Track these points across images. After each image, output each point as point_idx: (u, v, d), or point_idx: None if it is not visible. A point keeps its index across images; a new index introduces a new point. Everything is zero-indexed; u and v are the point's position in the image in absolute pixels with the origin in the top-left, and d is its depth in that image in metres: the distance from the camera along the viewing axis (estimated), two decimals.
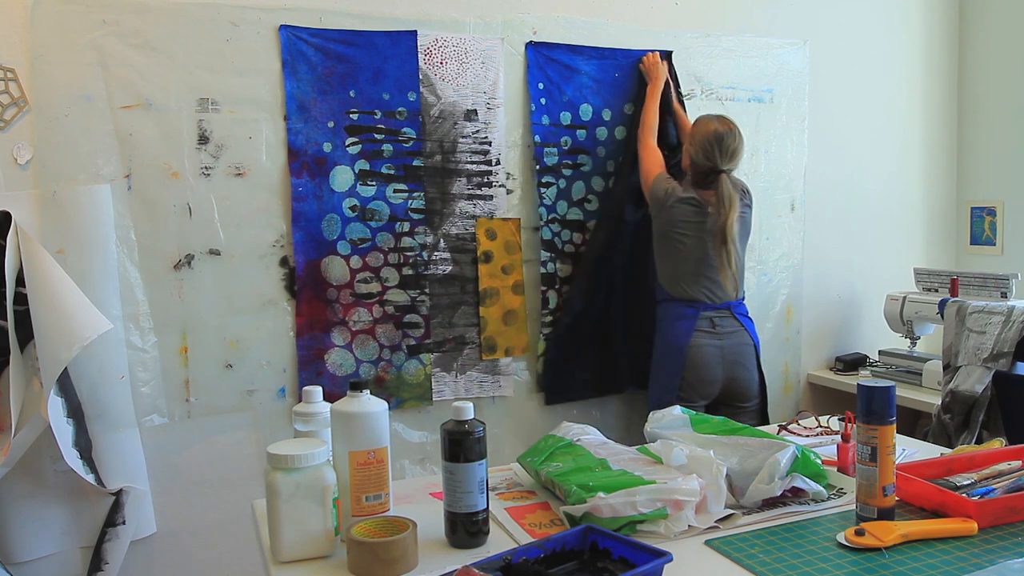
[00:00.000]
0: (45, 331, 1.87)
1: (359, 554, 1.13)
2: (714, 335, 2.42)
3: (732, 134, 2.39)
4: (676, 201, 2.42)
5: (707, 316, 2.42)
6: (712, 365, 2.40)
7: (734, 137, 2.39)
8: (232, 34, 2.21)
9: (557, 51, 2.58)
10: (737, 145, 2.40)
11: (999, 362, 2.33)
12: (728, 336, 2.43)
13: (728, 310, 2.45)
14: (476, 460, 1.21)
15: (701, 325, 2.41)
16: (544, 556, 1.09)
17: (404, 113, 2.40)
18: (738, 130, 2.41)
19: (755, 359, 2.48)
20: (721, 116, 2.44)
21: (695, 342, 2.40)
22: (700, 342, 2.40)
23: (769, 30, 2.91)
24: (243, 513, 1.55)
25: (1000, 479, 1.34)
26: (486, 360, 2.54)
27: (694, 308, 2.42)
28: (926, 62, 3.25)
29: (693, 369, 2.39)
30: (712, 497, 1.29)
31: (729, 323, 2.45)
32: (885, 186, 3.20)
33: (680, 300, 2.44)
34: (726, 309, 2.45)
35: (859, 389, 1.26)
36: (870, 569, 1.11)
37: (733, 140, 2.39)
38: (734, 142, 2.39)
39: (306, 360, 2.32)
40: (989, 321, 2.40)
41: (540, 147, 2.56)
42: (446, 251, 2.47)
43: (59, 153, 2.07)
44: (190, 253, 2.21)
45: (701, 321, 2.42)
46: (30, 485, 2.05)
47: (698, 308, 2.42)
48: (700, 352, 2.40)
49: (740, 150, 2.41)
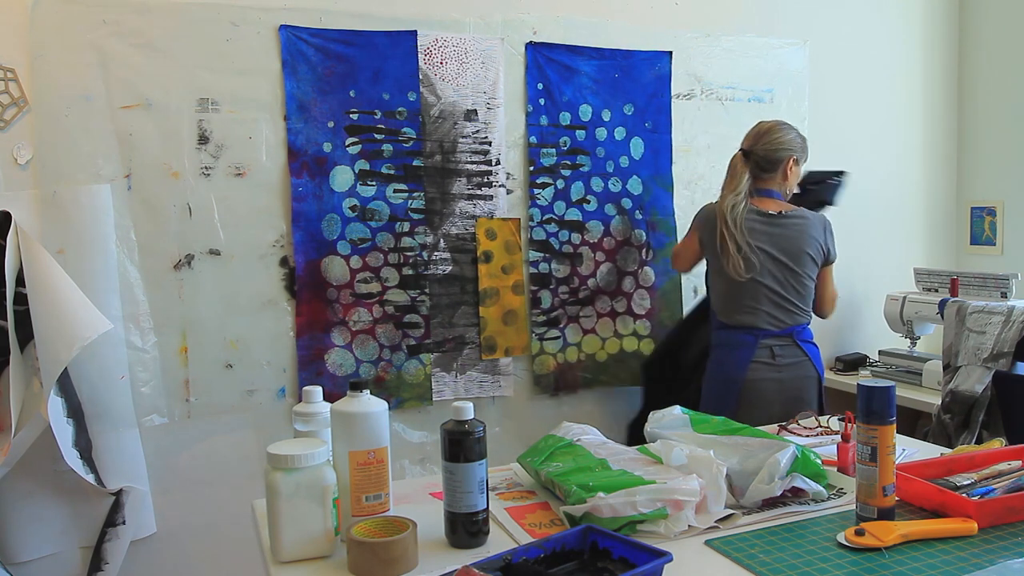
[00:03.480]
0: (45, 331, 1.87)
1: (359, 554, 1.13)
2: (773, 367, 2.19)
3: (771, 126, 2.30)
4: (727, 211, 2.23)
5: (767, 344, 2.20)
6: (769, 402, 2.16)
7: (767, 124, 2.32)
8: (232, 34, 2.21)
9: (557, 51, 2.58)
10: (766, 129, 2.28)
11: (999, 362, 2.33)
12: (789, 368, 2.20)
13: (791, 337, 2.22)
14: (476, 460, 1.21)
15: (760, 355, 2.18)
16: (544, 556, 1.09)
17: (404, 113, 2.40)
18: (778, 125, 2.31)
19: (817, 393, 2.25)
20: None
21: (752, 375, 2.17)
22: (758, 376, 2.17)
23: (769, 30, 2.91)
24: (243, 513, 1.54)
25: (1000, 479, 1.34)
26: (486, 360, 2.54)
27: (752, 336, 2.20)
28: (926, 62, 3.25)
29: (748, 406, 2.14)
30: (712, 497, 1.29)
31: (790, 352, 2.21)
32: (885, 186, 3.19)
33: (736, 327, 2.23)
34: (788, 336, 2.22)
35: (859, 389, 1.26)
36: (870, 569, 1.11)
37: (764, 125, 2.31)
38: (765, 126, 2.30)
39: (306, 360, 2.32)
40: (989, 321, 2.40)
41: (536, 148, 2.56)
42: (446, 251, 2.47)
43: (59, 153, 2.07)
44: (190, 253, 2.21)
45: (760, 350, 2.19)
46: (30, 485, 2.05)
47: (757, 335, 2.20)
48: (757, 387, 2.16)
49: (771, 135, 2.27)
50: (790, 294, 2.22)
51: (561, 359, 2.63)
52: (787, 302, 2.22)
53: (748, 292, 2.21)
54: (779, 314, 2.21)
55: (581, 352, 2.65)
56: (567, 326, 2.63)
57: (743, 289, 2.22)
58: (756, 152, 2.28)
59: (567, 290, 2.63)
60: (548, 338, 2.61)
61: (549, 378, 2.62)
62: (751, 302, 2.21)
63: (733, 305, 2.25)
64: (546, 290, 2.60)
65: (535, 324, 2.59)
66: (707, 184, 2.81)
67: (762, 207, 2.25)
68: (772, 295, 2.21)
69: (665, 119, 2.74)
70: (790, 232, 2.23)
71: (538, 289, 2.60)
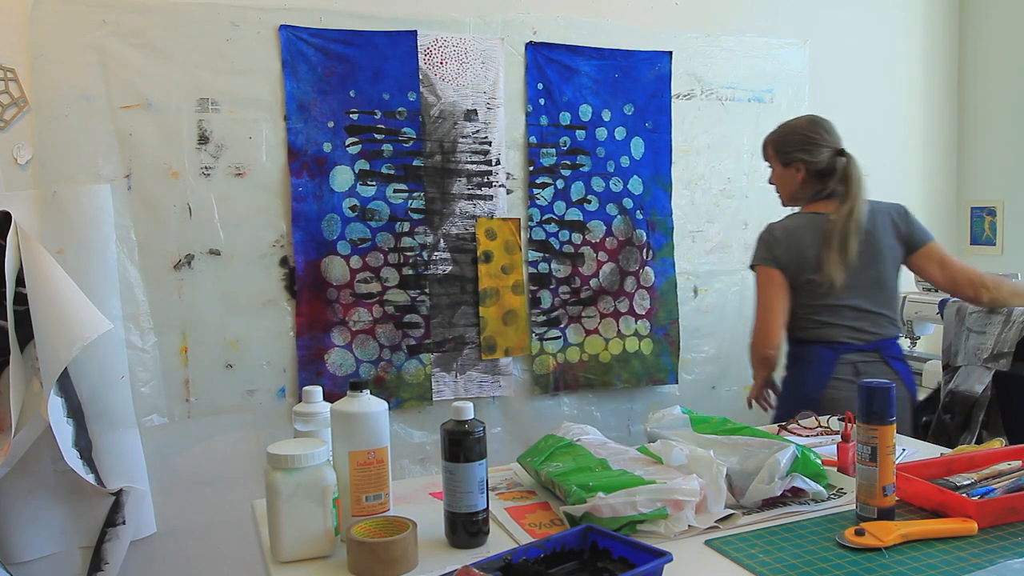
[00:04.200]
0: (45, 331, 1.87)
1: (359, 554, 1.13)
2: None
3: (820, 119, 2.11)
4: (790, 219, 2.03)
5: (850, 361, 1.98)
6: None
7: (815, 118, 2.11)
8: (232, 34, 2.21)
9: (557, 51, 2.58)
10: (822, 123, 2.09)
11: (999, 362, 2.33)
12: None
13: (877, 352, 2.00)
14: (476, 460, 1.21)
15: (841, 372, 1.97)
16: (544, 556, 1.09)
17: (404, 113, 2.40)
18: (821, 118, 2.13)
19: (911, 418, 2.02)
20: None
21: (831, 394, 1.95)
22: (838, 395, 1.94)
23: (769, 30, 2.91)
24: (243, 513, 1.54)
25: (1000, 479, 1.34)
26: (486, 360, 2.54)
27: (832, 351, 1.99)
28: (926, 62, 3.25)
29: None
30: (712, 497, 1.29)
31: (877, 370, 1.97)
32: (885, 186, 3.18)
33: (813, 342, 2.02)
34: (874, 352, 2.00)
35: (859, 389, 1.26)
36: (870, 569, 1.11)
37: (817, 119, 2.10)
38: (820, 120, 2.09)
39: (306, 360, 2.32)
40: (989, 321, 2.40)
41: (536, 148, 2.56)
42: (446, 251, 2.47)
43: (59, 153, 2.07)
44: (190, 253, 2.21)
45: (841, 367, 1.97)
46: (30, 485, 2.05)
47: (837, 351, 1.98)
48: (837, 407, 1.89)
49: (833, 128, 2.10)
50: (873, 303, 2.00)
51: (561, 359, 2.63)
52: (869, 312, 2.01)
53: (826, 303, 2.01)
54: (864, 326, 2.00)
55: (583, 352, 2.65)
56: (568, 326, 2.63)
57: (820, 299, 2.01)
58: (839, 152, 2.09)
59: (568, 290, 2.63)
60: (548, 338, 2.61)
61: (549, 378, 2.62)
62: (829, 315, 2.00)
63: (809, 318, 2.04)
64: (546, 290, 2.60)
65: (535, 324, 2.59)
66: (707, 184, 2.81)
67: (824, 210, 2.05)
68: (851, 306, 1.99)
69: (665, 119, 2.74)
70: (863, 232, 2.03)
71: (538, 289, 2.60)
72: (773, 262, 2.04)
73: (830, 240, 1.99)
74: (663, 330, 2.75)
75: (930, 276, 2.10)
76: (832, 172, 2.07)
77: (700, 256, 2.82)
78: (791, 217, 2.13)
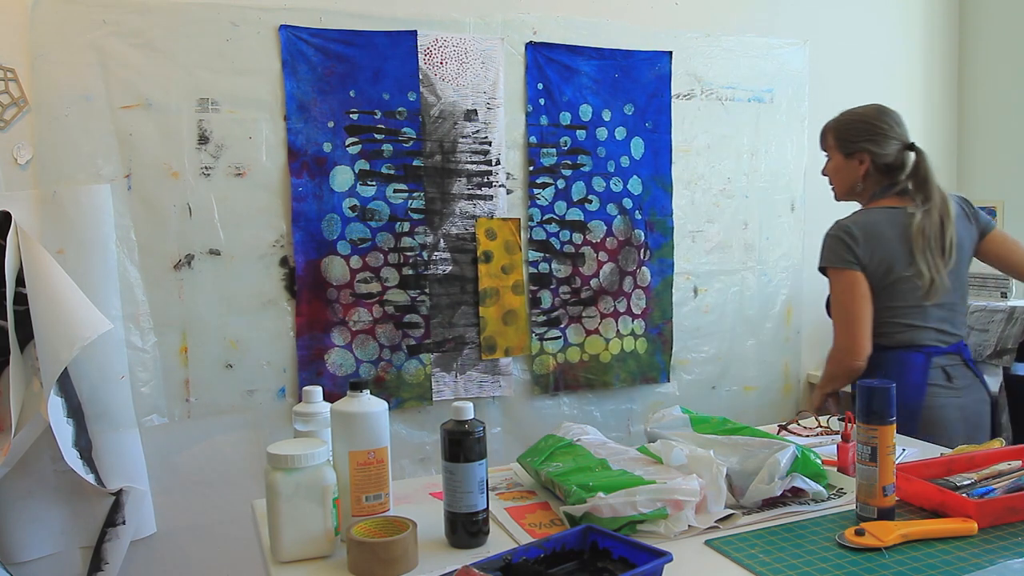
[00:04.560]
0: (45, 331, 1.87)
1: (359, 554, 1.13)
2: (952, 390, 1.84)
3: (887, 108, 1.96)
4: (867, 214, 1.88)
5: (939, 365, 1.86)
6: (952, 432, 1.81)
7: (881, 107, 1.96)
8: (232, 34, 2.21)
9: (557, 51, 2.58)
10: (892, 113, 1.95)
11: (1003, 358, 2.33)
12: (966, 391, 1.86)
13: (959, 355, 1.89)
14: (476, 460, 1.21)
15: (934, 377, 1.84)
16: (544, 556, 1.09)
17: (404, 113, 2.40)
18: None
19: (992, 419, 1.95)
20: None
21: (931, 402, 1.83)
22: (937, 402, 1.83)
23: (769, 30, 2.91)
24: (243, 513, 1.54)
25: (1000, 479, 1.34)
26: (486, 360, 2.54)
27: (922, 355, 1.85)
28: (926, 62, 3.25)
29: (928, 439, 1.75)
30: (712, 497, 1.29)
31: (963, 373, 1.87)
32: None
33: (898, 347, 1.87)
34: (956, 354, 1.89)
35: (859, 389, 1.26)
36: (870, 569, 1.11)
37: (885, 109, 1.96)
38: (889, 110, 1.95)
39: (306, 360, 2.32)
40: (992, 319, 2.40)
41: (536, 148, 2.56)
42: (446, 251, 2.47)
43: (59, 153, 2.07)
44: (190, 253, 2.21)
45: (933, 372, 1.85)
46: (30, 485, 2.05)
47: (928, 355, 1.85)
48: (938, 416, 1.80)
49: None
50: (954, 301, 1.88)
51: (561, 359, 2.63)
52: (951, 311, 1.90)
53: (914, 304, 1.88)
54: (946, 327, 1.88)
55: (584, 352, 2.65)
56: (568, 326, 2.63)
57: (908, 300, 1.88)
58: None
59: (568, 290, 2.63)
60: (548, 338, 2.61)
61: (549, 378, 2.62)
62: (917, 317, 1.87)
63: (894, 322, 1.89)
64: (546, 290, 2.60)
65: (535, 324, 2.59)
66: (707, 184, 2.81)
67: (900, 205, 1.93)
68: (939, 305, 1.87)
69: (665, 119, 2.74)
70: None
71: (538, 289, 2.60)
72: (855, 264, 1.87)
73: (920, 239, 1.85)
74: (657, 329, 2.75)
75: (999, 261, 1.99)
76: (900, 167, 1.94)
77: (700, 256, 2.82)
78: (863, 213, 1.96)
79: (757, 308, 2.91)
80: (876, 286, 1.88)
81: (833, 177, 2.05)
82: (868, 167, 1.96)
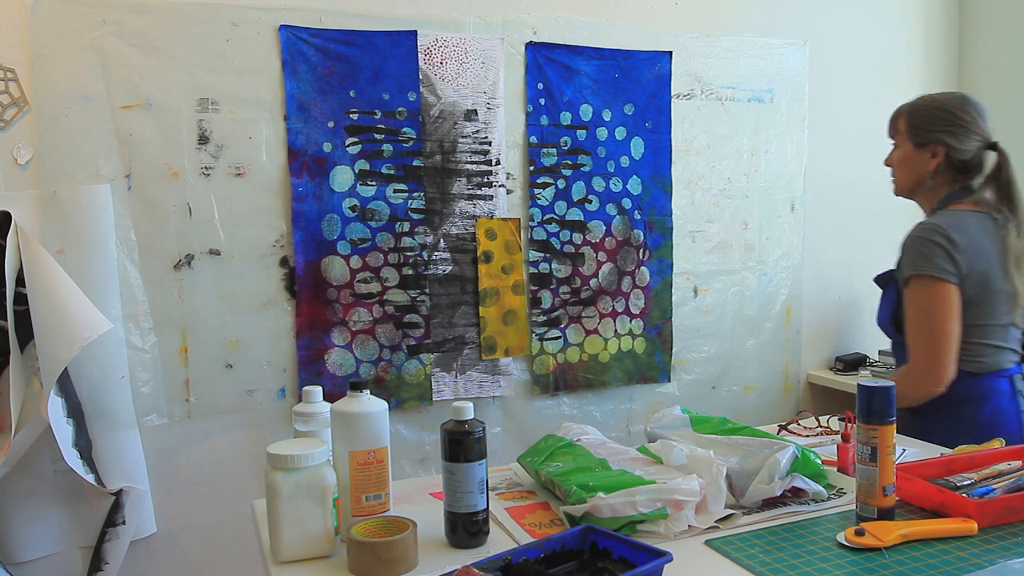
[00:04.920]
0: (45, 331, 1.87)
1: (359, 554, 1.13)
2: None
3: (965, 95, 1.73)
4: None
5: (1021, 391, 1.68)
6: None
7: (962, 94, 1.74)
8: (232, 34, 2.21)
9: (557, 51, 2.58)
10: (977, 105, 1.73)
11: None
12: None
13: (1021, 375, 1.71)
14: (476, 460, 1.21)
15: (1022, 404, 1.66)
16: (544, 556, 1.09)
17: (404, 113, 2.40)
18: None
19: None
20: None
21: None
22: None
23: (769, 30, 2.91)
24: (243, 513, 1.55)
25: (1000, 479, 1.34)
26: (486, 360, 2.54)
27: (1005, 380, 1.65)
28: (926, 62, 3.25)
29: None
30: (712, 497, 1.29)
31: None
32: (885, 186, 3.19)
33: (987, 373, 1.65)
34: (1020, 374, 1.71)
35: (859, 389, 1.26)
36: (870, 569, 1.11)
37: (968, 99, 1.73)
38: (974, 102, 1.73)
39: (306, 360, 2.32)
40: None
41: (536, 148, 2.56)
42: (446, 251, 2.47)
43: (59, 153, 2.07)
44: (190, 253, 2.21)
45: (1020, 399, 1.67)
46: (30, 485, 2.05)
47: (1011, 379, 1.66)
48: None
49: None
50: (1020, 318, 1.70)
51: (561, 359, 2.63)
52: (1017, 329, 1.72)
53: (998, 323, 1.68)
54: (1017, 347, 1.71)
55: (583, 352, 2.66)
56: (568, 326, 2.63)
57: (994, 319, 1.68)
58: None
59: (568, 290, 2.63)
60: (548, 338, 2.61)
61: (549, 378, 2.62)
62: (999, 337, 1.67)
63: (978, 344, 1.67)
64: (546, 290, 2.60)
65: (535, 324, 2.59)
66: (706, 184, 2.81)
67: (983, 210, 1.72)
68: (1016, 323, 1.68)
69: (665, 119, 2.74)
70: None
71: (538, 289, 2.60)
72: (953, 275, 1.62)
73: (1013, 253, 1.65)
74: (656, 329, 2.75)
75: None
76: (977, 168, 1.73)
77: (700, 256, 2.82)
78: (952, 215, 1.70)
79: (757, 308, 2.91)
80: (967, 301, 1.64)
81: (897, 168, 1.84)
82: (941, 161, 1.74)
